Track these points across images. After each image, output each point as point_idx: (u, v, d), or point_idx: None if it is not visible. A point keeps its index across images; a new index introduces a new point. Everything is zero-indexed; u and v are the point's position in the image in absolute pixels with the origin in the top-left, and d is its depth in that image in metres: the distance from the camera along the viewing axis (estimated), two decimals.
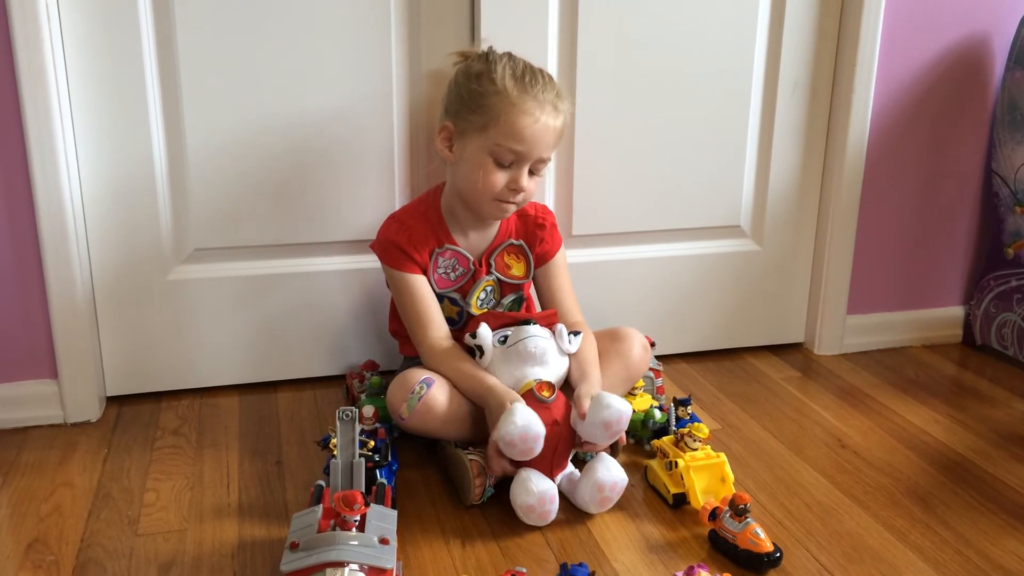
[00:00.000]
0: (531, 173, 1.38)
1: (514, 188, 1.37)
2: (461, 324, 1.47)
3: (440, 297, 1.45)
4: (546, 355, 1.33)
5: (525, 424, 1.21)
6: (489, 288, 1.47)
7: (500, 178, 1.36)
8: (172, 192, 1.52)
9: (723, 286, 1.81)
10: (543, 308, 1.53)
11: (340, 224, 1.60)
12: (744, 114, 1.72)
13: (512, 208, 1.41)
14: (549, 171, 1.65)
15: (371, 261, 1.61)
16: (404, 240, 1.41)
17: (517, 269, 1.50)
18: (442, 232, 1.44)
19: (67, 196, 1.42)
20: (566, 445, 1.29)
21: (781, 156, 1.76)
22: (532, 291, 1.56)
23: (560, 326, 1.37)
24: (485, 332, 1.34)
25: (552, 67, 1.59)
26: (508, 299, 1.50)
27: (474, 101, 1.35)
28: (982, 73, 1.80)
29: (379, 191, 1.57)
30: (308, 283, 1.62)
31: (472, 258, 1.45)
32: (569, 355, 1.38)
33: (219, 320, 1.60)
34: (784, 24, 1.68)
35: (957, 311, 1.96)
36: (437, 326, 1.41)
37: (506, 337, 1.35)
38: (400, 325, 1.50)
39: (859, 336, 1.89)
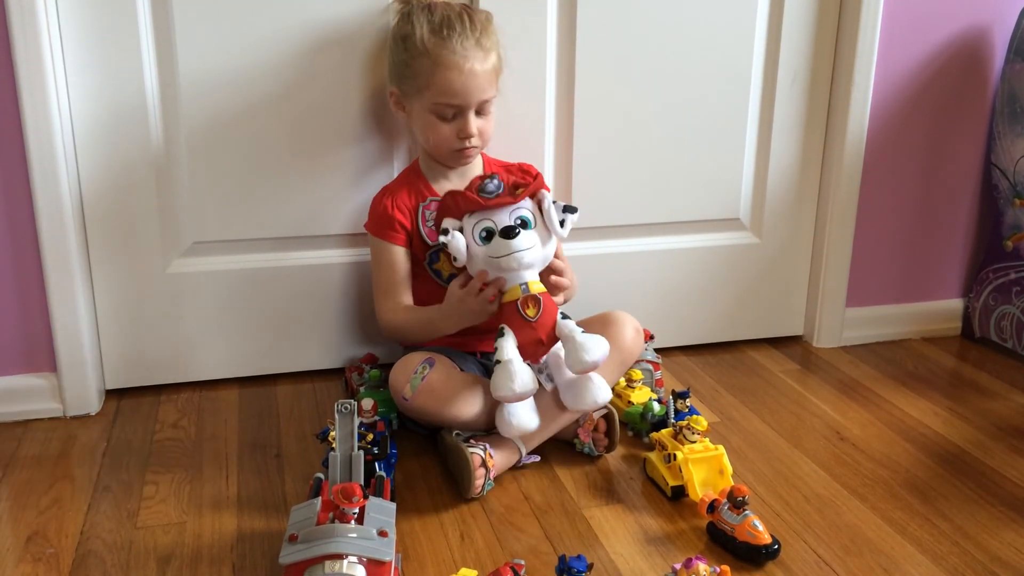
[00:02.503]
0: (478, 114, 1.42)
1: (463, 136, 1.42)
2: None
3: (436, 252, 1.47)
4: (534, 263, 1.31)
5: (523, 391, 1.26)
6: None
7: (448, 130, 1.42)
8: (170, 185, 1.52)
9: (722, 279, 1.81)
10: None
11: (339, 217, 1.60)
12: (743, 106, 1.71)
13: (473, 152, 1.46)
14: (548, 163, 1.64)
15: (369, 254, 1.61)
16: (388, 203, 1.47)
17: None
18: (424, 188, 1.49)
19: (65, 190, 1.42)
20: (547, 350, 1.33)
21: (780, 148, 1.75)
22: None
23: (549, 203, 1.34)
24: (458, 242, 1.30)
25: (551, 59, 1.59)
26: None
27: (405, 67, 1.41)
28: (982, 65, 1.80)
29: (379, 184, 1.56)
30: (307, 276, 1.62)
31: None
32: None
33: (218, 313, 1.60)
34: (784, 15, 1.67)
35: (956, 304, 1.96)
36: (402, 299, 1.47)
37: (488, 233, 1.31)
38: None
39: (858, 329, 1.89)
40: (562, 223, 1.33)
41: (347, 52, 1.52)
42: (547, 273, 1.37)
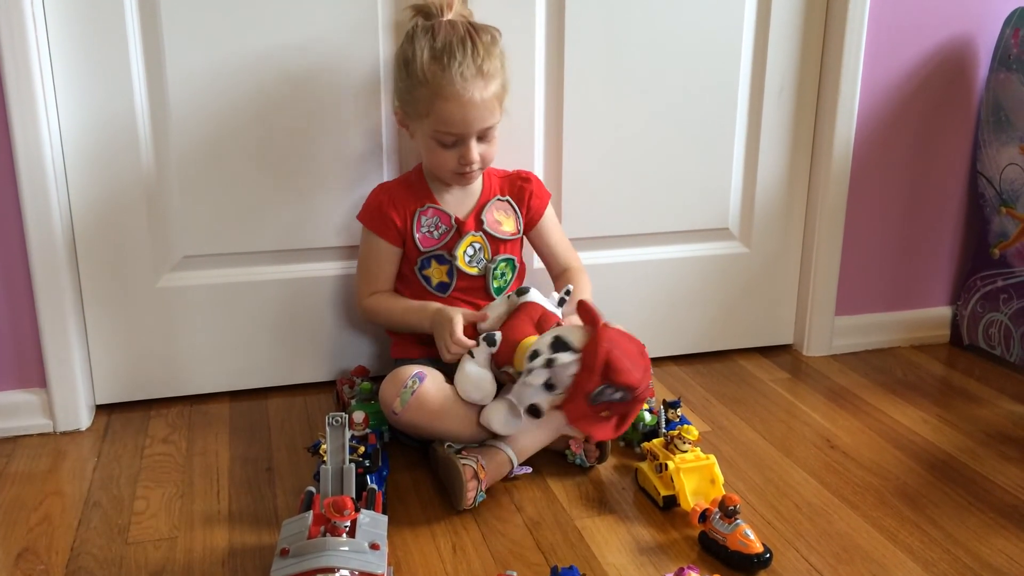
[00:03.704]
0: (481, 140, 1.42)
1: (464, 163, 1.41)
2: (453, 286, 1.48)
3: (427, 259, 1.47)
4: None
5: (480, 397, 1.30)
6: (477, 245, 1.48)
7: (449, 156, 1.41)
8: (160, 199, 1.52)
9: (712, 289, 1.82)
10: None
11: (329, 229, 1.60)
12: (731, 116, 1.73)
13: (474, 174, 1.45)
14: (538, 175, 1.65)
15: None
16: (385, 200, 1.47)
17: (508, 224, 1.52)
18: (424, 194, 1.48)
19: (55, 204, 1.42)
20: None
21: (768, 158, 1.77)
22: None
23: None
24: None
25: (539, 72, 1.60)
26: (500, 259, 1.51)
27: (407, 92, 1.41)
28: (967, 74, 1.82)
29: (366, 195, 1.57)
30: (298, 289, 1.62)
31: (454, 215, 1.48)
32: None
33: (209, 327, 1.59)
34: (770, 27, 1.69)
35: (944, 311, 1.97)
36: (382, 287, 1.50)
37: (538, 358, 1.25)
38: None
39: (847, 337, 1.89)
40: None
41: (336, 70, 1.52)
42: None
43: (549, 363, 1.21)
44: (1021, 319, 1.78)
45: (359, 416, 1.30)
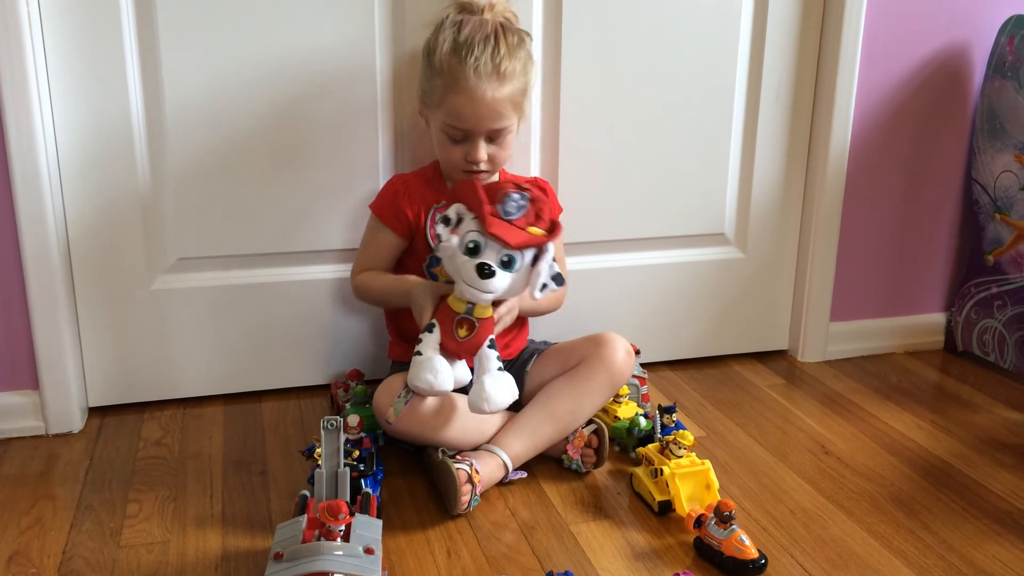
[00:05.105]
0: (491, 141, 1.39)
1: (471, 160, 1.39)
2: None
3: (437, 258, 1.43)
4: (494, 298, 1.27)
5: (441, 388, 1.24)
6: None
7: (456, 152, 1.40)
8: (155, 201, 1.51)
9: (707, 294, 1.82)
10: None
11: (324, 232, 1.60)
12: (727, 122, 1.73)
13: (483, 176, 1.42)
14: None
15: None
16: (401, 191, 1.45)
17: None
18: (440, 190, 1.47)
19: (49, 207, 1.41)
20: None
21: (764, 164, 1.77)
22: None
23: (545, 264, 1.26)
24: (448, 244, 1.25)
25: (536, 75, 1.60)
26: None
27: (426, 81, 1.40)
28: (962, 82, 1.82)
29: (363, 200, 1.57)
30: (292, 292, 1.61)
31: None
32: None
33: (203, 330, 1.59)
34: (766, 33, 1.69)
35: (939, 318, 1.97)
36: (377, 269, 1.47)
37: (475, 247, 1.24)
38: (393, 320, 1.53)
39: (842, 343, 1.90)
40: (543, 287, 1.26)
41: (333, 80, 1.52)
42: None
43: (446, 222, 1.25)
44: (1015, 325, 1.79)
45: (354, 420, 1.30)
